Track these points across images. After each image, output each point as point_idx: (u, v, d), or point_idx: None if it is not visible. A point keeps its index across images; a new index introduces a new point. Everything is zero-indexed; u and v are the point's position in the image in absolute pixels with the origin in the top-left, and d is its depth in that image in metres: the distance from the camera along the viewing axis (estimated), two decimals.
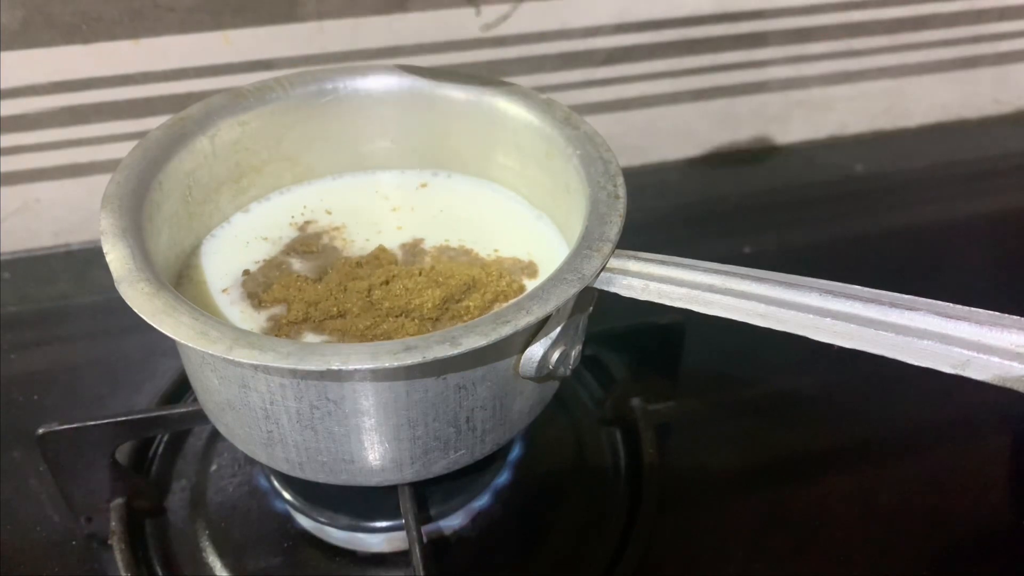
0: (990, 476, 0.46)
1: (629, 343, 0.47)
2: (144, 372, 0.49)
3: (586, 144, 0.36)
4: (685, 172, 0.68)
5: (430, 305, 0.34)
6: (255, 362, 0.26)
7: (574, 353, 0.33)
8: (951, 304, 0.25)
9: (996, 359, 0.23)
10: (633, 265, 0.30)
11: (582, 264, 0.30)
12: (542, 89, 0.40)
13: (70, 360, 0.51)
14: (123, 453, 0.43)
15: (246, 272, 0.37)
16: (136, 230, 0.31)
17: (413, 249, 0.38)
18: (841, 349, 0.26)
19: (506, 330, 0.27)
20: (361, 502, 0.39)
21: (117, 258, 0.30)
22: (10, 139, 0.54)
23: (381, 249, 0.38)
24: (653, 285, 0.29)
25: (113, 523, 0.40)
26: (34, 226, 0.58)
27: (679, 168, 0.68)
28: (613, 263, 0.30)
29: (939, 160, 0.70)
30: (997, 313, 0.24)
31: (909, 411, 0.48)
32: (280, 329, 0.34)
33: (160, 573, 0.40)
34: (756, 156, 0.69)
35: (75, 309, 0.54)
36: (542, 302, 0.28)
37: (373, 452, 0.32)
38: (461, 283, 0.35)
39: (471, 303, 0.34)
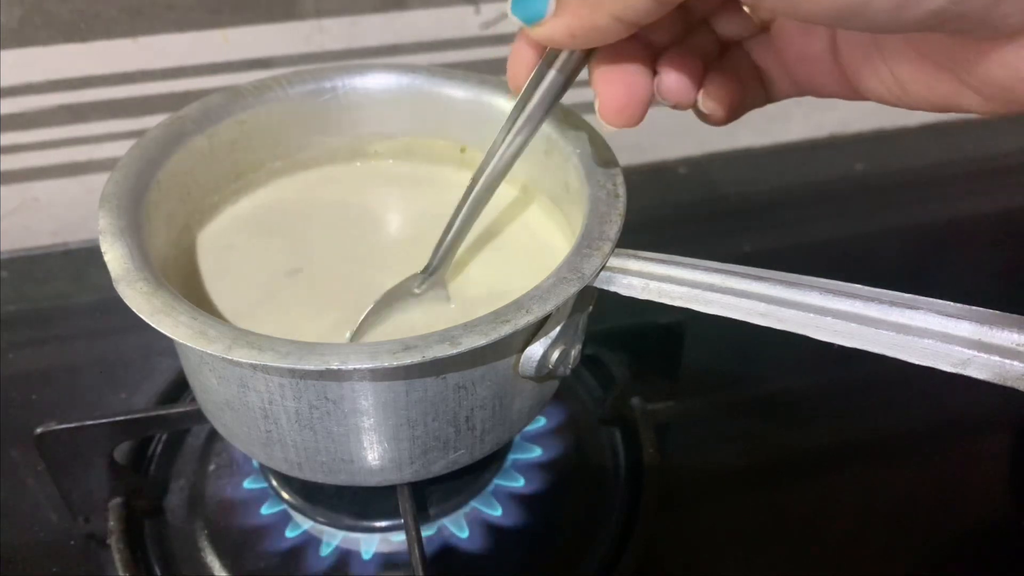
0: (990, 476, 0.46)
1: (629, 343, 0.47)
2: (142, 371, 0.49)
3: (585, 143, 0.36)
4: (685, 171, 0.68)
5: None
6: (254, 361, 0.26)
7: (574, 352, 0.33)
8: (951, 303, 0.24)
9: (997, 358, 0.23)
10: (633, 264, 0.30)
11: (582, 263, 0.30)
12: None
13: (68, 359, 0.51)
14: (121, 453, 0.43)
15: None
16: (134, 229, 0.31)
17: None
18: (842, 348, 0.26)
19: (506, 329, 0.27)
20: (360, 502, 0.39)
21: (115, 257, 0.30)
22: (8, 138, 0.53)
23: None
24: (653, 284, 0.29)
25: (111, 523, 0.40)
26: (32, 225, 0.58)
27: (679, 167, 0.68)
28: (613, 262, 0.30)
29: (940, 159, 0.70)
30: (997, 312, 0.24)
31: (909, 411, 0.48)
32: None
33: (158, 573, 0.39)
34: (756, 155, 0.69)
35: (73, 308, 0.54)
36: (542, 301, 0.28)
37: (372, 452, 0.32)
38: None
39: None
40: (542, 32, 0.25)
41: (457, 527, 0.40)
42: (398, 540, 0.39)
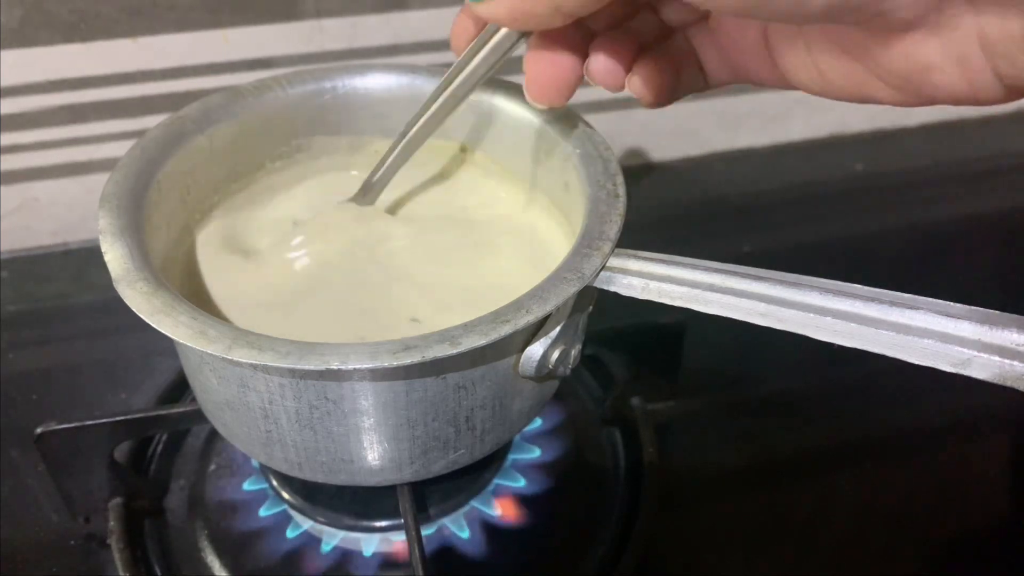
0: (990, 476, 0.46)
1: (629, 343, 0.47)
2: (143, 371, 0.49)
3: (585, 142, 0.36)
4: (685, 171, 0.68)
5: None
6: (254, 361, 0.26)
7: (574, 352, 0.33)
8: (951, 303, 0.24)
9: (997, 358, 0.23)
10: (633, 264, 0.30)
11: (582, 263, 0.30)
12: None
13: (69, 359, 0.51)
14: (122, 453, 0.43)
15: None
16: (134, 229, 0.31)
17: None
18: (841, 348, 0.26)
19: (506, 329, 0.27)
20: (360, 502, 0.39)
21: (115, 257, 0.30)
22: (8, 138, 0.53)
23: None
24: (653, 284, 0.29)
25: (112, 523, 0.40)
26: (33, 225, 0.58)
27: (679, 167, 0.68)
28: (613, 262, 0.30)
29: (939, 159, 0.70)
30: (998, 312, 0.24)
31: (909, 411, 0.48)
32: None
33: (159, 573, 0.39)
34: (756, 155, 0.69)
35: (74, 308, 0.54)
36: (541, 301, 0.28)
37: (372, 452, 0.32)
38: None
39: None
40: (485, 10, 0.26)
41: (457, 527, 0.40)
42: (398, 540, 0.39)
